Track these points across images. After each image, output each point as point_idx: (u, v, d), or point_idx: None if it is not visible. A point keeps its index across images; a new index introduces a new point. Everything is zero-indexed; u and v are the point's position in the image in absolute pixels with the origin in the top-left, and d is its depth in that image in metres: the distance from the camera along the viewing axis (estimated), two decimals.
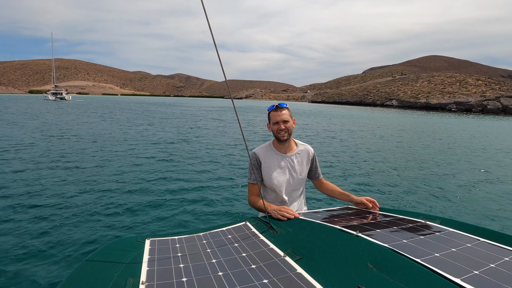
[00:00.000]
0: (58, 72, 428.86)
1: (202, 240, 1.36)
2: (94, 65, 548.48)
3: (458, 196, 6.62)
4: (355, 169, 9.01)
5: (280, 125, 1.97)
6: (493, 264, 0.97)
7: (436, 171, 9.08)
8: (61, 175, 7.07)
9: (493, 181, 8.19)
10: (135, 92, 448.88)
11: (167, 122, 22.73)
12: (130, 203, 5.36)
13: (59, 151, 10.27)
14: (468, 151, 13.72)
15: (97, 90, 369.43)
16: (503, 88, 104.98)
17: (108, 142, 12.42)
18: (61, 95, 79.33)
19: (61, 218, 4.64)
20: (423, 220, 1.48)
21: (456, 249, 1.09)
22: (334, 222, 1.50)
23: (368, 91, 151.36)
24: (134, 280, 0.99)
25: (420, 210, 5.61)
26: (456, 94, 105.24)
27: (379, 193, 6.66)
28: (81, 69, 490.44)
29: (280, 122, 1.98)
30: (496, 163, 10.91)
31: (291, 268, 1.03)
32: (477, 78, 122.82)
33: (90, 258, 1.14)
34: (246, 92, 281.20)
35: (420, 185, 7.40)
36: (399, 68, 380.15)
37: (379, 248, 1.10)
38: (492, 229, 1.29)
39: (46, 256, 3.61)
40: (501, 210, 5.83)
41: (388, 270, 0.94)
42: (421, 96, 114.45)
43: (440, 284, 0.85)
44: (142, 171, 7.68)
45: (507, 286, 0.84)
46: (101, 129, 16.82)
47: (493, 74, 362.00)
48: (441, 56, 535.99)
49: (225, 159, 9.70)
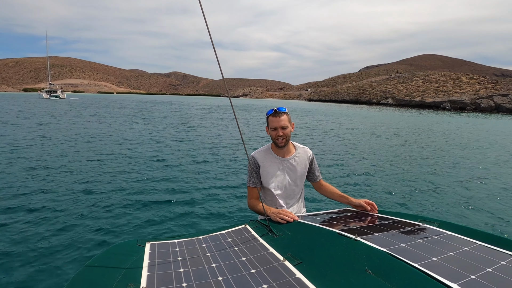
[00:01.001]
0: (52, 70, 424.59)
1: (202, 244, 1.37)
2: (89, 63, 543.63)
3: (457, 198, 6.58)
4: (352, 169, 8.97)
5: (278, 131, 1.95)
6: (489, 268, 0.98)
7: (435, 172, 9.04)
8: (57, 178, 6.91)
9: (492, 182, 8.13)
10: (131, 90, 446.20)
11: (165, 122, 22.66)
12: (130, 207, 5.32)
13: (53, 152, 10.23)
14: (467, 150, 13.61)
15: (92, 88, 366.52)
16: (496, 86, 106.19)
17: (105, 143, 12.30)
18: (56, 93, 78.80)
19: (59, 222, 4.56)
20: (421, 223, 1.48)
21: (454, 253, 1.10)
22: (333, 225, 1.50)
23: (364, 89, 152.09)
24: (135, 285, 0.99)
25: (418, 212, 5.61)
26: (451, 93, 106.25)
27: (377, 194, 6.66)
28: (76, 67, 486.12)
29: (278, 128, 1.95)
30: (494, 162, 10.92)
31: (291, 273, 1.03)
32: (471, 77, 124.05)
33: (90, 263, 1.15)
34: (243, 90, 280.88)
35: (418, 186, 7.38)
36: (395, 67, 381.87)
37: (377, 252, 1.10)
38: (490, 232, 1.28)
39: (44, 262, 3.51)
40: (500, 211, 5.84)
41: (386, 275, 0.95)
42: (416, 95, 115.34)
43: None
44: (141, 174, 7.51)
45: None
46: (96, 129, 16.67)
47: (486, 73, 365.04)
48: (436, 55, 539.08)
49: (224, 161, 9.61)
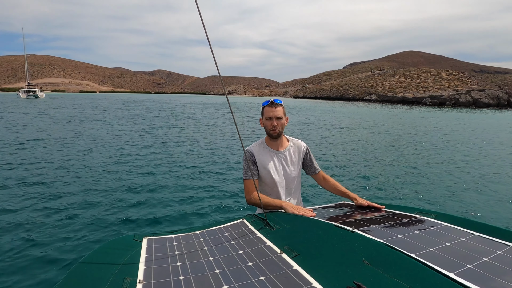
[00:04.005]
0: (31, 69, 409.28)
1: (199, 238, 1.37)
2: (70, 62, 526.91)
3: (453, 190, 6.66)
4: (347, 165, 8.95)
5: (273, 121, 1.98)
6: (486, 258, 0.98)
7: (428, 165, 9.13)
8: (51, 174, 6.91)
9: (485, 173, 8.32)
10: (114, 89, 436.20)
11: (158, 120, 22.50)
12: (127, 202, 5.31)
13: (49, 147, 10.08)
14: (458, 145, 13.88)
15: (74, 87, 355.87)
16: (473, 82, 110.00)
17: (101, 140, 12.27)
18: (35, 92, 76.21)
19: (57, 219, 4.52)
20: (418, 215, 1.49)
21: (450, 243, 1.10)
22: (330, 218, 1.51)
23: (349, 86, 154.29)
24: (132, 279, 0.99)
25: (416, 205, 5.66)
26: (431, 89, 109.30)
27: (374, 189, 6.68)
28: (56, 65, 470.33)
29: (273, 118, 1.98)
30: (481, 154, 11.38)
31: (288, 265, 1.04)
32: (450, 73, 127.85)
33: (86, 258, 1.14)
34: (229, 88, 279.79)
35: (415, 179, 7.44)
36: (378, 64, 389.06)
37: (374, 243, 1.11)
38: (486, 223, 1.29)
39: (38, 260, 3.45)
40: (494, 201, 5.91)
41: (383, 265, 0.96)
42: (398, 91, 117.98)
43: (434, 279, 0.86)
44: (139, 173, 7.41)
45: (498, 279, 0.86)
46: (95, 126, 16.50)
47: (465, 69, 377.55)
48: (417, 51, 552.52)
49: (219, 155, 9.63)
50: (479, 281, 0.85)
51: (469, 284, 0.83)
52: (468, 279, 0.85)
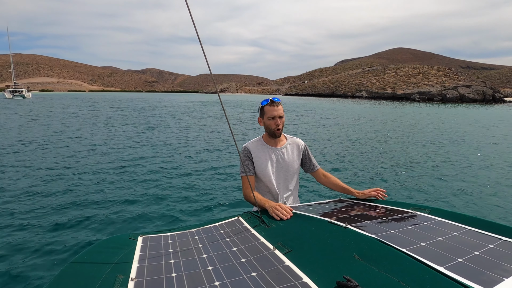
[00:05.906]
0: (17, 68, 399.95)
1: (194, 236, 1.37)
2: (58, 61, 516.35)
3: (447, 185, 6.72)
4: (342, 162, 8.96)
5: (277, 120, 1.96)
6: (477, 252, 0.99)
7: (425, 160, 9.22)
8: (44, 174, 6.90)
9: (481, 167, 8.37)
10: (104, 88, 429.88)
11: (152, 119, 22.52)
12: (122, 202, 5.32)
13: (46, 148, 10.10)
14: (456, 139, 13.91)
15: (62, 87, 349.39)
16: (460, 78, 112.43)
17: (96, 138, 12.31)
18: (21, 92, 74.69)
19: (49, 219, 4.50)
20: (413, 210, 1.49)
21: (443, 238, 1.11)
22: (325, 214, 1.51)
23: (340, 83, 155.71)
24: (124, 277, 0.99)
25: (411, 200, 5.67)
26: (420, 85, 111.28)
27: (371, 185, 6.72)
28: (43, 64, 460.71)
29: (276, 117, 1.96)
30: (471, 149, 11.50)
31: (280, 261, 1.05)
32: (438, 69, 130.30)
33: (79, 257, 1.14)
34: (221, 86, 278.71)
35: (410, 175, 7.50)
36: (368, 60, 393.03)
37: (366, 239, 1.12)
38: (480, 217, 1.29)
39: (31, 259, 3.43)
40: (489, 196, 5.96)
41: (373, 260, 0.96)
42: (388, 87, 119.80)
43: (423, 272, 0.87)
44: (133, 170, 7.47)
45: (488, 272, 0.86)
46: (85, 127, 16.51)
47: (453, 65, 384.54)
48: (407, 48, 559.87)
49: (215, 154, 9.67)
50: (469, 274, 0.85)
51: (458, 277, 0.84)
52: (458, 273, 0.86)
